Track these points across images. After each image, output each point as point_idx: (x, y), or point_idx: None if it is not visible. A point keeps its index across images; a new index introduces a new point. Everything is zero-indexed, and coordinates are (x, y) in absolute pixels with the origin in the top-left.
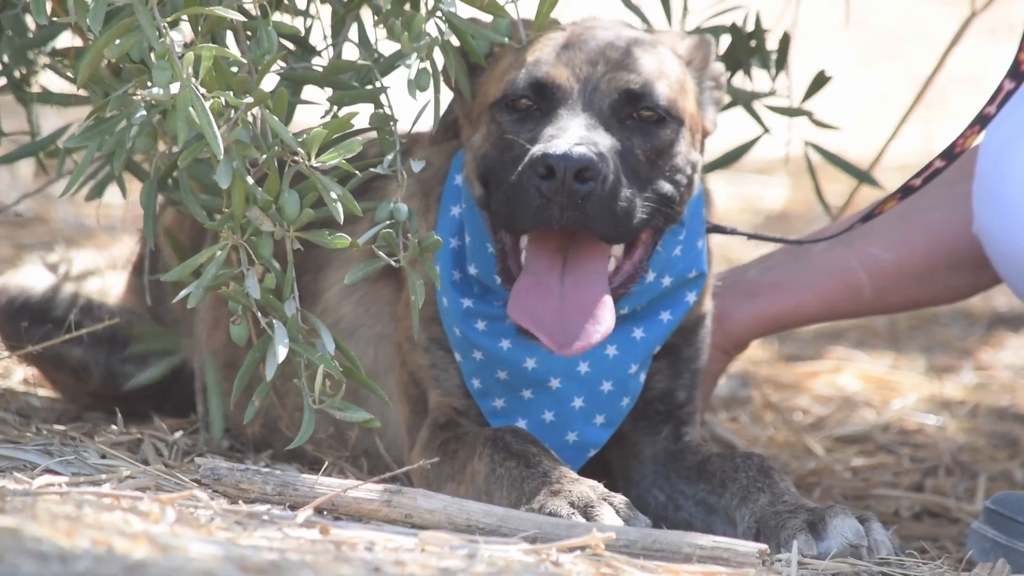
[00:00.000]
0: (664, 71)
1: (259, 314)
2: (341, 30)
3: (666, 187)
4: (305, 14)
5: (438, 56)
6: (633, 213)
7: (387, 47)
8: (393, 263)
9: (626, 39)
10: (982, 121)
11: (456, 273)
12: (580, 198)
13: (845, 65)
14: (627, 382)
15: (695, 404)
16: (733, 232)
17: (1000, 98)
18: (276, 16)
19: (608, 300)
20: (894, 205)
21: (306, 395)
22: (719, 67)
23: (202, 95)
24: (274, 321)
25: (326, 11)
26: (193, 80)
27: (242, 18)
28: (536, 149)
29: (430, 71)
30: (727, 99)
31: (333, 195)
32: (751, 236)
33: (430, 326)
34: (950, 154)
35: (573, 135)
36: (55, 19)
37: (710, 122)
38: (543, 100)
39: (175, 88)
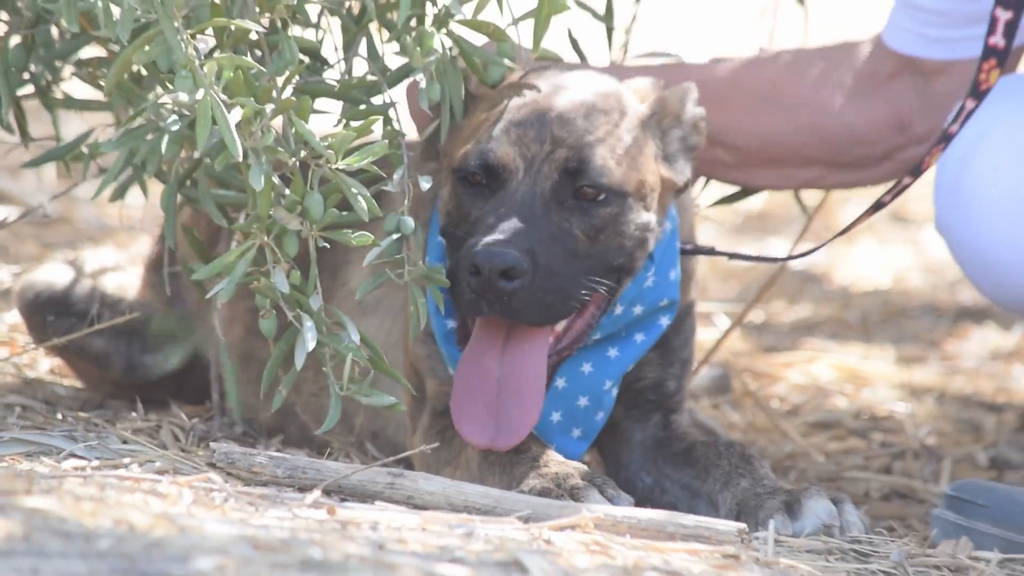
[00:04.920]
0: (611, 142)
1: (286, 309)
2: (352, 45)
3: (611, 258)
4: (317, 26)
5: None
6: (566, 299)
7: (394, 60)
8: (396, 279)
9: (583, 107)
10: (946, 139)
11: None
12: (506, 295)
13: None
14: (601, 397)
15: (683, 393)
16: (713, 252)
17: (963, 117)
18: (292, 30)
19: (541, 382)
20: (867, 219)
21: (332, 383)
22: (697, 112)
23: (224, 102)
24: (301, 314)
25: (336, 24)
26: (215, 87)
27: (264, 29)
28: (471, 243)
29: (438, 85)
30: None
31: (359, 196)
32: (731, 256)
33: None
34: (917, 171)
35: (505, 232)
36: (84, 32)
37: (679, 174)
38: (492, 179)
39: (199, 95)
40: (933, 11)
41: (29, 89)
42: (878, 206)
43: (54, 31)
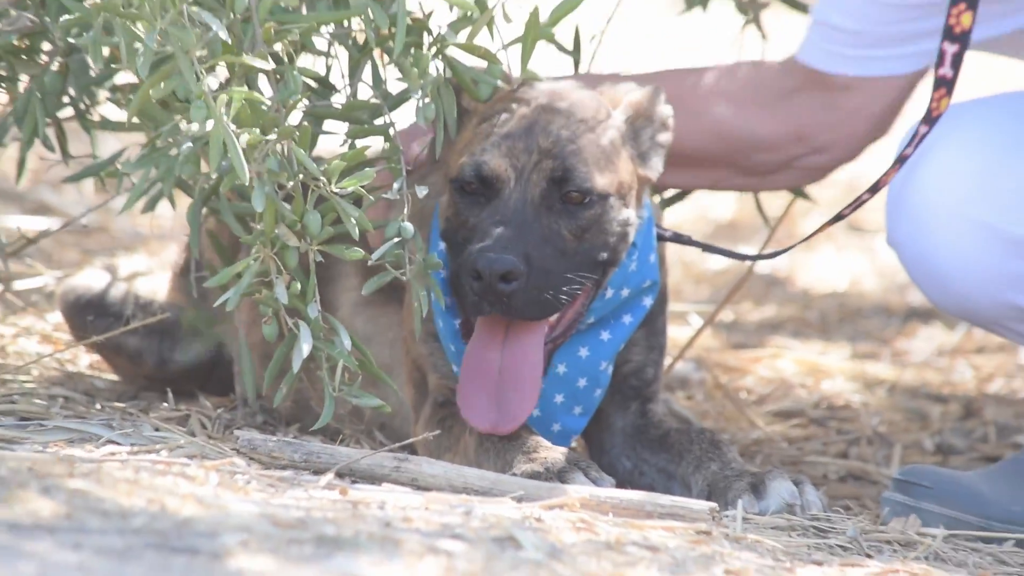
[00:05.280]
0: (592, 150)
1: (286, 316)
2: (357, 71)
3: (596, 253)
4: (326, 55)
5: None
6: (558, 295)
7: (394, 86)
8: (400, 276)
9: (565, 119)
10: (901, 161)
11: (448, 299)
12: (505, 296)
13: None
14: (598, 376)
15: (659, 384)
16: (690, 242)
17: (917, 141)
18: (301, 59)
19: (538, 370)
20: (826, 229)
21: (327, 384)
22: (666, 111)
23: (234, 131)
24: (299, 322)
25: (343, 52)
26: (225, 118)
27: (271, 66)
28: (471, 250)
29: (433, 105)
30: (670, 137)
31: (352, 216)
32: (705, 248)
33: (427, 323)
34: (875, 189)
35: (501, 239)
36: (113, 65)
37: (652, 170)
38: (487, 188)
39: (210, 125)
40: (848, 31)
41: (69, 112)
42: (838, 218)
43: (89, 60)
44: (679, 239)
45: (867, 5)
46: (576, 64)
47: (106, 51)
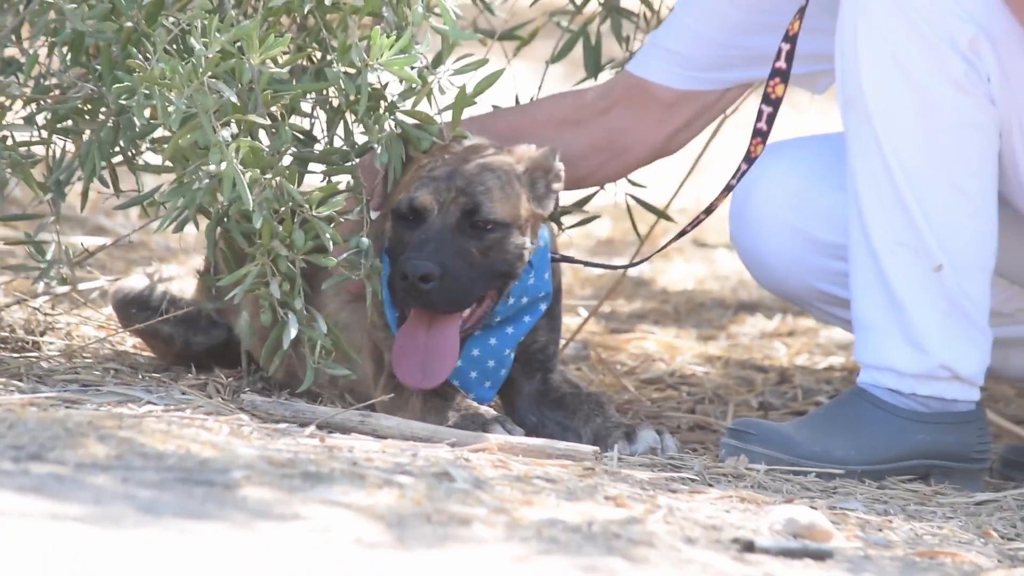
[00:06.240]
0: (496, 191)
1: (278, 308)
2: (333, 127)
3: (499, 267)
4: (310, 115)
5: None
6: (467, 295)
7: (359, 138)
8: (354, 278)
9: (478, 167)
10: (728, 190)
11: (387, 295)
12: (424, 293)
13: None
14: (503, 360)
15: (557, 359)
16: (574, 261)
17: (739, 175)
18: (291, 118)
19: (455, 347)
20: (675, 241)
21: (309, 358)
22: (558, 166)
23: (241, 171)
24: (288, 313)
25: (322, 113)
26: (236, 161)
27: (268, 122)
28: (402, 259)
29: (387, 153)
30: (562, 186)
31: (327, 233)
32: (586, 264)
33: (382, 315)
34: (709, 211)
35: (424, 251)
36: (152, 121)
37: (545, 209)
38: (417, 216)
39: (223, 166)
40: (679, 54)
41: (119, 158)
42: (681, 233)
43: (135, 118)
44: (566, 259)
45: (700, 41)
46: None
47: (147, 111)
